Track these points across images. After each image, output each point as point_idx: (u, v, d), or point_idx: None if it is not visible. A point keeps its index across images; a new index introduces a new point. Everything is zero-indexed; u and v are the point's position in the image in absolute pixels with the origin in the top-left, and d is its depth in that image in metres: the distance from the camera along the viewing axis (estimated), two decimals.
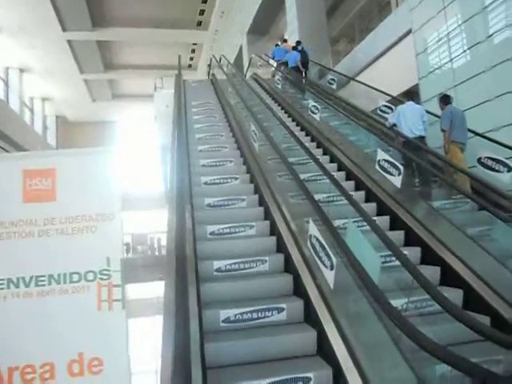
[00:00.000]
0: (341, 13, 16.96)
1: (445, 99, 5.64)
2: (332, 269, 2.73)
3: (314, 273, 3.22)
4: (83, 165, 4.08)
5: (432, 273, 3.70)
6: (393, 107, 6.46)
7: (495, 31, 5.51)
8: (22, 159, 4.30)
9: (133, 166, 22.50)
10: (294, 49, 11.32)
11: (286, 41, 13.08)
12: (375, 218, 4.38)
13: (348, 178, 5.67)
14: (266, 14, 17.16)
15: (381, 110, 7.34)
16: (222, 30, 20.81)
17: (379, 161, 4.80)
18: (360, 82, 8.88)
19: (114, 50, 22.06)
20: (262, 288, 3.52)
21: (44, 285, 3.73)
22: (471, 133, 5.57)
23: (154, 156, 15.86)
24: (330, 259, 2.76)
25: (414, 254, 4.01)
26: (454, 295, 3.38)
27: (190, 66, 25.00)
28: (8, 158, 6.04)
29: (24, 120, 21.10)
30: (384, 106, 7.33)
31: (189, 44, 22.60)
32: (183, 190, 4.03)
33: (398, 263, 2.75)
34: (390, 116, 6.23)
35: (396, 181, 4.54)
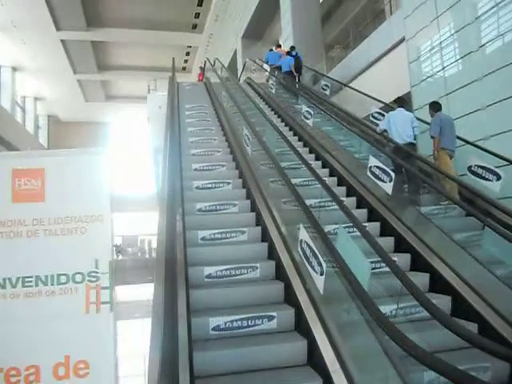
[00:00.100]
0: (335, 19, 17.11)
1: (435, 106, 5.69)
2: (322, 274, 2.72)
3: (305, 280, 3.20)
4: (72, 165, 4.03)
5: (421, 279, 3.72)
6: (385, 114, 6.50)
7: (487, 41, 5.57)
8: (11, 158, 4.26)
9: (125, 168, 22.42)
10: (288, 54, 11.40)
11: (279, 46, 13.16)
12: (366, 224, 4.39)
13: (340, 184, 5.69)
14: (260, 19, 17.25)
15: (373, 117, 7.38)
16: (216, 33, 20.87)
17: (371, 167, 4.83)
18: (353, 89, 8.93)
19: (108, 50, 22.01)
20: (253, 295, 3.48)
21: (31, 286, 3.68)
22: (462, 141, 5.63)
23: (147, 158, 15.81)
24: (320, 265, 2.75)
25: (403, 260, 4.03)
26: (443, 302, 3.41)
27: (184, 68, 25.03)
28: None
29: (16, 119, 20.94)
30: (376, 112, 7.38)
31: (183, 47, 22.63)
32: (174, 195, 4.00)
33: (388, 269, 2.75)
34: (380, 122, 6.28)
35: (387, 187, 4.57)
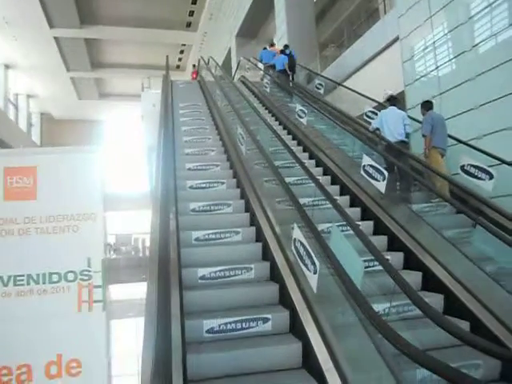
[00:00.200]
0: (329, 18, 17.12)
1: (426, 105, 5.73)
2: (315, 273, 2.72)
3: (299, 281, 3.18)
4: (65, 163, 4.00)
5: (414, 278, 3.73)
6: (378, 113, 6.52)
7: (480, 41, 5.60)
8: (3, 156, 4.21)
9: (119, 166, 22.31)
10: (282, 52, 11.40)
11: (273, 44, 13.17)
12: (359, 223, 4.40)
13: (333, 183, 5.70)
14: (255, 18, 17.24)
15: (367, 116, 7.40)
16: (211, 31, 20.81)
17: (364, 166, 4.84)
18: (347, 88, 8.95)
19: (101, 48, 21.88)
20: (248, 297, 3.45)
21: (23, 285, 3.66)
22: (455, 140, 5.66)
23: (141, 156, 15.74)
24: (313, 263, 2.76)
25: (396, 259, 4.04)
26: (435, 300, 3.42)
27: (178, 66, 24.95)
28: None
29: (8, 116, 20.76)
30: (370, 111, 7.40)
31: (177, 45, 22.55)
32: (168, 194, 3.98)
33: (381, 268, 2.76)
34: (373, 121, 6.31)
35: (380, 186, 4.59)
